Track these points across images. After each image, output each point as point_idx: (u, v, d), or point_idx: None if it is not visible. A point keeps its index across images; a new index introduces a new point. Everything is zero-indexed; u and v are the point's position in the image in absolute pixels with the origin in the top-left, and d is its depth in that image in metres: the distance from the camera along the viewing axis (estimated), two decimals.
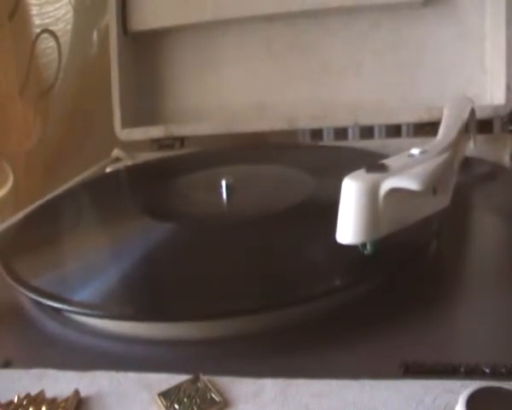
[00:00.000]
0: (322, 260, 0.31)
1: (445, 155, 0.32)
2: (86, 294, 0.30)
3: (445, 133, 0.36)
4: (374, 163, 0.30)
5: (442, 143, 0.34)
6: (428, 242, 0.33)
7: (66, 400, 0.23)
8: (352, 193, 0.28)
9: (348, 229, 0.28)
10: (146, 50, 0.64)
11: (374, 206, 0.28)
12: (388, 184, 0.28)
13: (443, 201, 0.31)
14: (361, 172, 0.29)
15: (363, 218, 0.28)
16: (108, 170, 0.56)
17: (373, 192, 0.28)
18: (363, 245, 0.29)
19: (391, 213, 0.28)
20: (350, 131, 0.61)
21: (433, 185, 0.30)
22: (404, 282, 0.30)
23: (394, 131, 0.60)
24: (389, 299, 0.29)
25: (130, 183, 0.53)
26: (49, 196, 0.50)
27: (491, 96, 0.53)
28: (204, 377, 0.24)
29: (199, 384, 0.23)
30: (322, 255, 0.31)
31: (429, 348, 0.25)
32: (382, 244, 0.29)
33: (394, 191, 0.28)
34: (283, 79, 0.60)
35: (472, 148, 0.44)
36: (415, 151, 0.32)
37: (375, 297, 0.29)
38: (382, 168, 0.29)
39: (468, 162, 0.44)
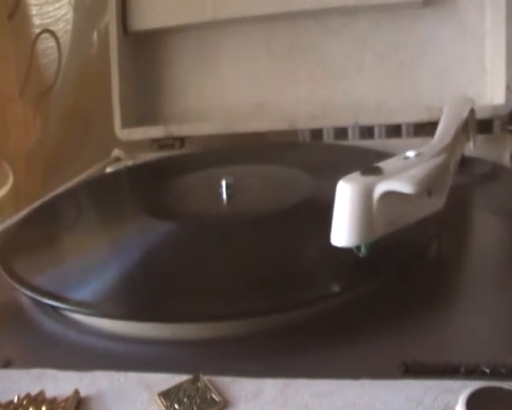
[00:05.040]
0: (323, 261, 0.31)
1: (440, 158, 0.32)
2: (86, 293, 0.30)
3: (441, 135, 0.36)
4: (369, 166, 0.30)
5: (438, 145, 0.34)
6: (428, 243, 0.33)
7: (67, 400, 0.23)
8: (346, 196, 0.28)
9: (342, 231, 0.28)
10: (146, 50, 0.64)
11: (368, 208, 0.28)
12: (382, 187, 0.28)
13: (438, 203, 0.31)
14: (356, 175, 0.29)
15: (357, 220, 0.28)
16: (108, 170, 0.56)
17: (367, 195, 0.28)
18: (358, 247, 0.29)
19: (385, 215, 0.28)
20: (350, 131, 0.61)
21: (428, 188, 0.30)
22: (404, 282, 0.30)
23: (394, 131, 0.60)
24: (389, 299, 0.29)
25: (130, 183, 0.53)
26: (49, 196, 0.50)
27: (491, 96, 0.53)
28: (204, 377, 0.24)
29: (199, 384, 0.23)
30: (322, 256, 0.31)
31: (429, 348, 0.25)
32: (382, 245, 0.29)
33: (388, 194, 0.28)
34: (283, 79, 0.60)
35: (472, 148, 0.44)
36: (410, 154, 0.32)
37: (375, 297, 0.29)
38: (377, 171, 0.29)
39: (468, 162, 0.44)
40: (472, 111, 0.43)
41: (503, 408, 0.20)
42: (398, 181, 0.28)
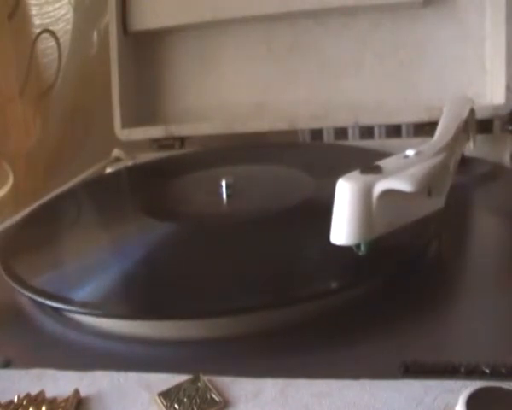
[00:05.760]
0: (323, 260, 0.31)
1: (440, 157, 0.32)
2: (86, 293, 0.30)
3: (441, 134, 0.36)
4: (368, 164, 0.30)
5: (438, 144, 0.34)
6: (427, 242, 0.33)
7: (67, 400, 0.23)
8: (345, 194, 0.28)
9: (342, 230, 0.28)
10: (146, 50, 0.64)
11: (367, 207, 0.28)
12: (382, 185, 0.28)
13: (438, 202, 0.31)
14: (355, 174, 0.29)
15: (356, 219, 0.28)
16: (108, 170, 0.56)
17: (367, 193, 0.28)
18: (358, 246, 0.29)
19: (385, 214, 0.28)
20: (350, 131, 0.61)
21: (428, 187, 0.30)
22: (404, 282, 0.30)
23: (394, 131, 0.60)
24: (389, 299, 0.29)
25: (131, 183, 0.53)
26: (49, 196, 0.50)
27: (491, 96, 0.53)
28: (204, 377, 0.24)
29: (199, 384, 0.23)
30: (322, 255, 0.31)
31: (429, 348, 0.25)
32: (381, 244, 0.29)
33: (388, 192, 0.28)
34: (283, 79, 0.60)
35: (472, 148, 0.44)
36: (410, 152, 0.32)
37: (375, 297, 0.29)
38: (376, 170, 0.29)
39: (468, 162, 0.44)
40: (472, 111, 0.43)
41: (503, 408, 0.20)
42: (397, 179, 0.28)
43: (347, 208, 0.28)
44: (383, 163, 0.30)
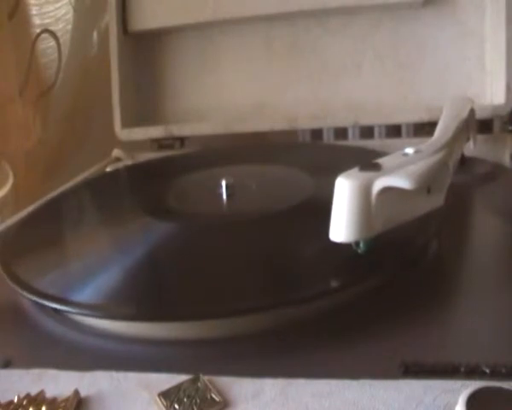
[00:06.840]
0: (323, 260, 0.31)
1: (439, 155, 0.32)
2: (86, 294, 0.30)
3: (441, 133, 0.37)
4: (367, 162, 0.30)
5: (437, 142, 0.34)
6: (427, 242, 0.33)
7: (67, 400, 0.23)
8: (345, 191, 0.28)
9: (341, 227, 0.28)
10: (146, 50, 0.64)
11: (366, 204, 0.28)
12: (381, 182, 0.28)
13: (437, 200, 0.31)
14: (354, 171, 0.29)
15: (355, 216, 0.28)
16: (108, 170, 0.56)
17: (366, 191, 0.28)
18: (357, 243, 0.29)
19: (384, 211, 0.28)
20: (350, 131, 0.61)
21: (427, 184, 0.30)
22: (404, 282, 0.30)
23: (394, 131, 0.60)
24: (389, 299, 0.29)
25: (131, 183, 0.53)
26: (49, 196, 0.50)
27: (491, 96, 0.53)
28: (204, 377, 0.24)
29: (199, 384, 0.23)
30: (322, 255, 0.31)
31: (429, 348, 0.25)
32: (381, 243, 0.29)
33: (387, 190, 0.28)
34: (283, 79, 0.60)
35: (472, 148, 0.44)
36: (409, 150, 0.32)
37: (375, 297, 0.29)
38: (376, 167, 0.29)
39: (468, 162, 0.44)
40: (472, 111, 0.43)
41: (503, 408, 0.20)
42: (396, 177, 0.28)
43: (346, 206, 0.28)
44: (382, 161, 0.30)
